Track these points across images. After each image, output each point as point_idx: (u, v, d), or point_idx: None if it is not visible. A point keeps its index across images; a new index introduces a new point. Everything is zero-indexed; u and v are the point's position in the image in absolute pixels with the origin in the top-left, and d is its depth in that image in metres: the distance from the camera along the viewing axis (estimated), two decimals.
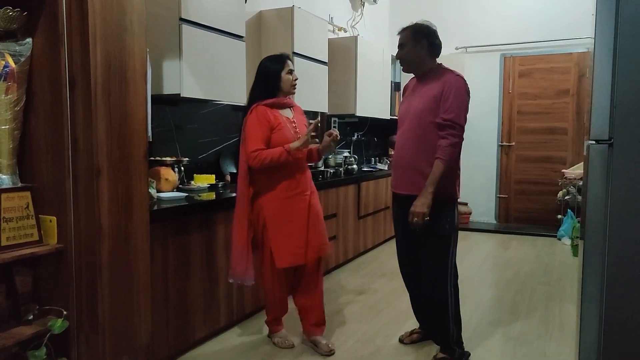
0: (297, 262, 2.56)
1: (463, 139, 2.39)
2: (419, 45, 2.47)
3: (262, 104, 2.54)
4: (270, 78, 2.58)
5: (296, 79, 2.65)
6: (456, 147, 2.35)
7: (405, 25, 2.57)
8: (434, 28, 2.54)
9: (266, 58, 2.67)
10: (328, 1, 5.23)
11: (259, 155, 2.46)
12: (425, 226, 2.36)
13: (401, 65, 2.59)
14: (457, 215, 2.51)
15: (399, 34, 2.57)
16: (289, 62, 2.63)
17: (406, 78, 5.30)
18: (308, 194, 2.62)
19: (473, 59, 6.33)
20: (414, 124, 2.44)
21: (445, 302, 2.48)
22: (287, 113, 2.64)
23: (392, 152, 2.77)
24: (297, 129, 2.61)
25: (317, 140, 2.71)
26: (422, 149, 2.41)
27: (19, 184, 1.93)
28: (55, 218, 1.94)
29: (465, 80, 2.43)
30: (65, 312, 1.92)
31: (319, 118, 2.68)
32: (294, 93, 2.67)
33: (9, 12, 1.84)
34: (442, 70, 2.49)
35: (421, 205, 2.33)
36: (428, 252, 2.51)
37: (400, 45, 2.54)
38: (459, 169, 2.49)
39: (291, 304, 2.79)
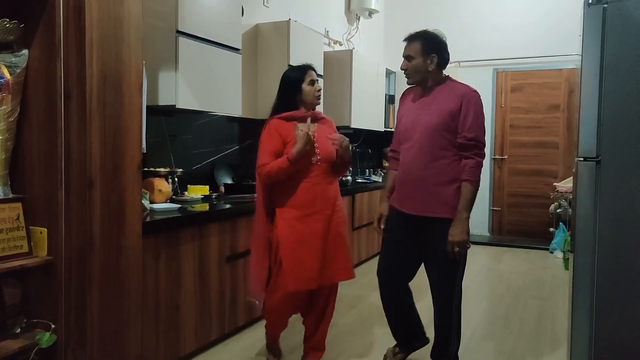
0: (308, 286, 2.39)
1: (484, 156, 2.31)
2: (429, 60, 2.33)
3: (276, 117, 2.44)
4: (290, 89, 2.47)
5: (319, 90, 2.49)
6: (481, 167, 2.27)
7: (413, 33, 2.40)
8: (445, 39, 2.41)
9: (288, 69, 2.59)
10: (324, 15, 5.28)
11: (264, 168, 2.36)
12: (466, 253, 2.29)
13: (407, 78, 2.42)
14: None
15: (407, 41, 2.39)
16: (312, 72, 2.49)
17: (400, 90, 5.35)
18: (328, 213, 2.43)
19: (466, 73, 6.38)
20: (426, 139, 2.29)
21: (450, 323, 2.40)
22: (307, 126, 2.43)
23: (387, 164, 2.61)
24: (316, 144, 2.41)
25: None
26: (434, 166, 2.29)
27: (10, 195, 1.92)
28: (45, 230, 1.93)
29: (479, 93, 2.34)
30: (53, 326, 1.90)
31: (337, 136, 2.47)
32: (318, 104, 2.52)
33: (6, 23, 1.84)
34: (453, 83, 2.38)
35: (461, 234, 2.23)
36: (436, 273, 2.39)
37: (407, 57, 2.36)
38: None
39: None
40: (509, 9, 6.18)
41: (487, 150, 6.18)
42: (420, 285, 2.66)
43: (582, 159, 2.15)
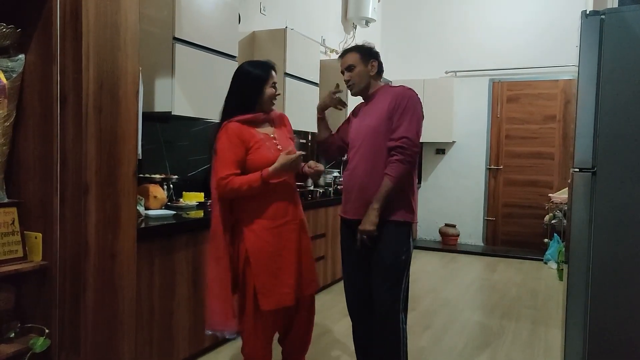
0: (284, 303, 2.16)
1: (416, 155, 2.23)
2: (369, 66, 2.34)
3: (235, 120, 2.14)
4: (251, 89, 2.18)
5: (278, 94, 2.26)
6: (405, 164, 2.18)
7: (347, 47, 2.42)
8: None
9: (247, 63, 2.25)
10: (320, 23, 5.31)
11: (231, 182, 2.07)
12: (373, 244, 2.23)
13: (351, 89, 2.38)
14: (412, 241, 2.32)
15: (343, 56, 2.38)
16: (274, 73, 2.23)
17: None
18: (298, 221, 2.25)
19: (462, 83, 6.43)
20: (368, 143, 2.27)
21: (398, 341, 2.27)
22: (266, 129, 2.24)
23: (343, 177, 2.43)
24: (280, 146, 2.21)
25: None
26: (376, 168, 2.24)
27: (5, 200, 1.91)
28: (40, 235, 1.92)
29: (415, 92, 2.31)
30: (47, 331, 1.89)
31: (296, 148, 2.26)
32: (272, 110, 2.29)
33: (3, 28, 1.85)
34: (390, 87, 2.38)
35: (370, 223, 2.18)
36: (383, 279, 2.27)
37: (348, 67, 2.34)
38: (412, 190, 2.30)
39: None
40: (506, 20, 6.23)
41: (483, 160, 6.33)
42: (412, 294, 2.65)
43: (577, 169, 2.16)
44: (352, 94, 2.42)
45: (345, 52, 2.40)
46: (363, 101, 2.46)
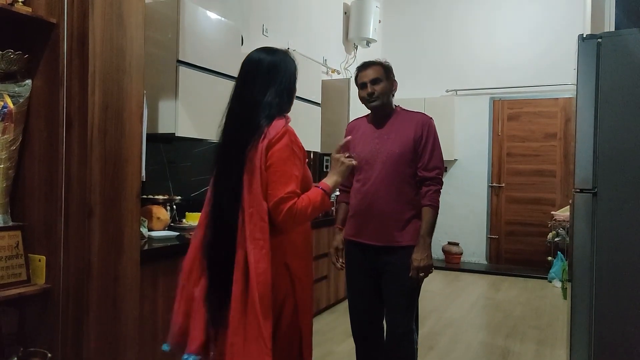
0: None
1: None
2: (390, 82, 2.32)
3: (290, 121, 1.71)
4: (294, 85, 1.82)
5: None
6: (439, 194, 2.30)
7: (367, 61, 2.36)
8: None
9: (287, 53, 1.88)
10: (322, 44, 5.37)
11: (301, 202, 1.55)
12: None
13: (373, 102, 2.29)
14: None
15: (365, 68, 2.32)
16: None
17: None
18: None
19: (463, 101, 6.48)
20: (390, 169, 2.26)
21: (414, 357, 2.30)
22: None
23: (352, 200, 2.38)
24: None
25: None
26: (399, 196, 2.27)
27: (10, 223, 1.92)
28: (44, 257, 1.92)
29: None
30: (49, 355, 1.88)
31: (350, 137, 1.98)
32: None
33: (11, 54, 1.88)
34: (406, 111, 2.38)
35: (426, 258, 2.22)
36: (398, 303, 2.29)
37: (374, 80, 2.28)
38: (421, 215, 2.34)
39: None
40: (506, 39, 6.29)
41: (484, 178, 6.34)
42: (421, 311, 2.64)
43: (578, 190, 2.18)
44: (371, 107, 2.34)
45: (368, 64, 2.34)
46: (365, 119, 2.43)
